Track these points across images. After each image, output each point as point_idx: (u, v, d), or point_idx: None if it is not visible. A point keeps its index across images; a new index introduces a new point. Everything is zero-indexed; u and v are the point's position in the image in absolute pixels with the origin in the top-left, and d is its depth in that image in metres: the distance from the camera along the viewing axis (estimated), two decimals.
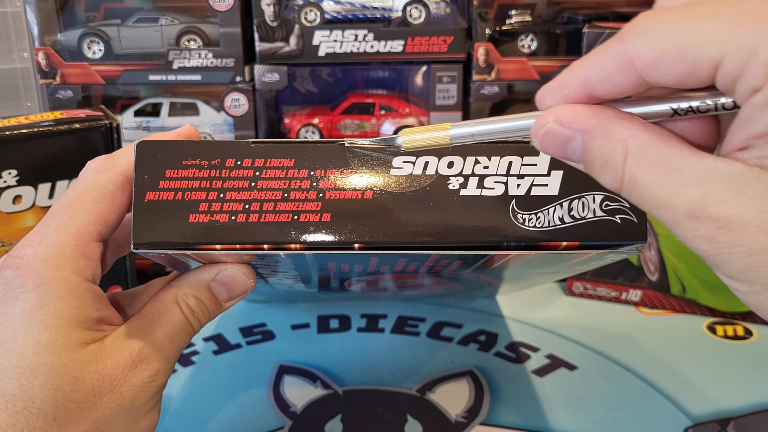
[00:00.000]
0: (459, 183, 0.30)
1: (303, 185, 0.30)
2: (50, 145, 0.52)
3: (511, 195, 0.30)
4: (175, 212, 0.30)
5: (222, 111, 0.66)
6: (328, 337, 0.54)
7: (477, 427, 0.44)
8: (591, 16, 0.65)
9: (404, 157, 0.30)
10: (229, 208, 0.30)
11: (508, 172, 0.30)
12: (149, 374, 0.31)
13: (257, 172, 0.30)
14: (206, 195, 0.30)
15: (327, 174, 0.30)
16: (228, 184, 0.30)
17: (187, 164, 0.30)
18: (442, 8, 0.64)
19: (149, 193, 0.30)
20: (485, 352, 0.52)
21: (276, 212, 0.30)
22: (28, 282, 0.29)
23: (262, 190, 0.30)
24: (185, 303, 0.33)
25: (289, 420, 0.45)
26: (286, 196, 0.30)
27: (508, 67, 0.64)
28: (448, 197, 0.30)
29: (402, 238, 0.30)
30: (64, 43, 0.64)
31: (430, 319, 0.57)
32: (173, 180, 0.30)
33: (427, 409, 0.46)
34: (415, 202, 0.30)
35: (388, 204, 0.30)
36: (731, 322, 0.56)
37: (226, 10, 0.62)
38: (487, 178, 0.30)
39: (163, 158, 0.30)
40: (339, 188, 0.30)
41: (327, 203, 0.30)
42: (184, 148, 0.30)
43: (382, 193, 0.30)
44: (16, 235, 0.53)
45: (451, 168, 0.30)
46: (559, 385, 0.48)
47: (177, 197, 0.30)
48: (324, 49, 0.63)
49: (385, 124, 0.68)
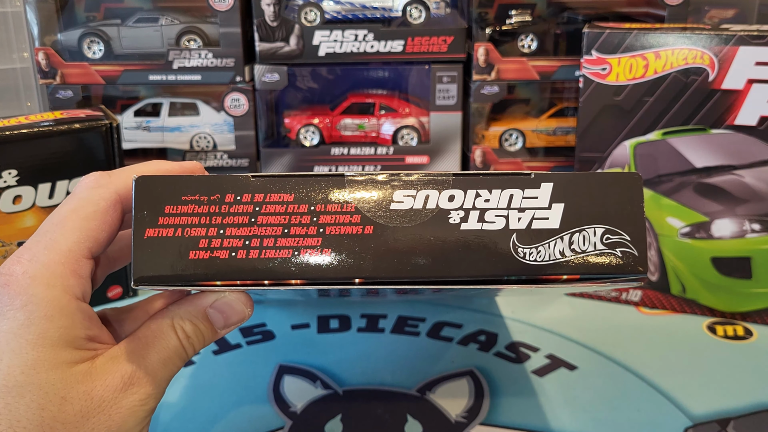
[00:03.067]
0: (460, 217, 0.30)
1: (303, 220, 0.30)
2: (50, 145, 0.52)
3: (512, 229, 0.30)
4: (175, 249, 0.29)
5: (222, 111, 0.66)
6: (328, 337, 0.54)
7: (477, 427, 0.44)
8: (591, 16, 0.65)
9: (405, 191, 0.30)
10: (229, 244, 0.30)
11: (509, 205, 0.30)
12: (140, 398, 0.31)
13: (257, 207, 0.30)
14: (206, 231, 0.30)
15: (327, 209, 0.30)
16: (228, 219, 0.30)
17: (187, 200, 0.30)
18: (442, 8, 0.64)
19: (149, 230, 0.30)
20: (485, 352, 0.52)
21: (276, 248, 0.30)
22: (16, 300, 0.29)
23: (262, 225, 0.30)
24: (181, 328, 0.33)
25: (289, 420, 0.45)
26: (286, 232, 0.30)
27: (508, 67, 0.64)
28: (448, 231, 0.30)
29: (403, 273, 0.30)
30: (64, 43, 0.64)
31: (430, 319, 0.57)
32: (173, 216, 0.30)
33: (427, 409, 0.46)
34: (416, 237, 0.30)
35: (389, 239, 0.30)
36: (731, 322, 0.56)
37: (226, 10, 0.62)
38: (488, 212, 0.30)
39: (162, 193, 0.30)
40: (339, 223, 0.30)
41: (328, 238, 0.30)
42: (183, 183, 0.30)
43: (383, 227, 0.30)
44: (16, 235, 0.53)
45: (452, 202, 0.30)
46: (559, 385, 0.48)
47: (177, 233, 0.30)
48: (324, 49, 0.63)
49: (385, 124, 0.68)
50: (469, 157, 0.67)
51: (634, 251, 0.30)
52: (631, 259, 0.30)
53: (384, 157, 0.66)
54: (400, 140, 0.67)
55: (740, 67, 0.51)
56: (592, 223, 0.30)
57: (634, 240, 0.30)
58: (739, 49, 0.51)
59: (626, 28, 0.54)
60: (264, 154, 0.66)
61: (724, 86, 0.52)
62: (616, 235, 0.30)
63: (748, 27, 0.53)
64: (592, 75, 0.54)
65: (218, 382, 0.49)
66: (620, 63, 0.54)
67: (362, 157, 0.66)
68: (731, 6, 0.66)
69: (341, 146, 0.67)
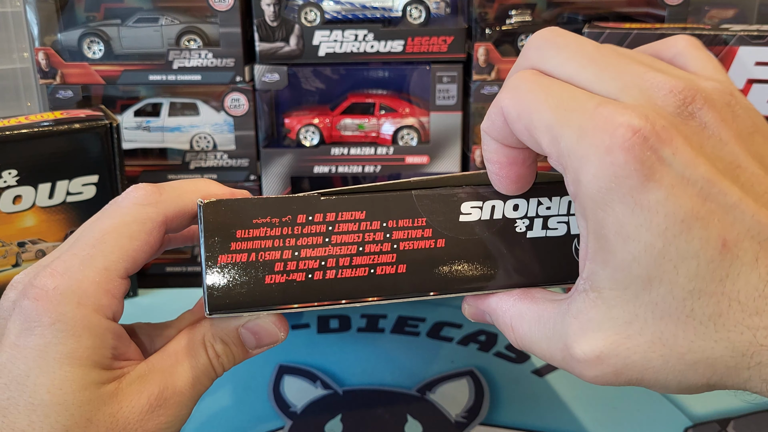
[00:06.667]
0: (525, 225, 0.31)
1: (377, 237, 0.30)
2: (50, 145, 0.52)
3: (573, 234, 0.31)
4: (250, 274, 0.29)
5: (222, 111, 0.66)
6: (328, 337, 0.54)
7: (477, 427, 0.44)
8: (591, 16, 0.65)
9: (471, 202, 0.30)
10: (305, 266, 0.29)
11: (568, 211, 0.31)
12: (166, 420, 0.30)
13: (330, 227, 0.29)
14: (281, 254, 0.29)
15: (399, 224, 0.30)
16: (302, 241, 0.29)
17: (258, 223, 0.29)
18: (442, 8, 0.64)
19: (221, 256, 0.29)
20: (485, 352, 0.52)
21: (353, 267, 0.29)
22: (45, 317, 0.28)
23: (337, 245, 0.29)
24: (212, 346, 0.32)
25: (289, 420, 0.45)
26: (361, 250, 0.29)
27: (508, 67, 0.64)
28: (516, 239, 0.31)
29: (473, 283, 0.30)
30: (64, 43, 0.64)
31: (430, 319, 0.57)
32: (245, 241, 0.29)
33: (427, 409, 0.46)
34: (486, 246, 0.30)
35: (459, 250, 0.30)
36: None
37: (226, 10, 0.62)
38: (551, 219, 0.31)
39: (232, 218, 0.29)
40: (412, 238, 0.30)
41: (402, 254, 0.30)
42: (253, 206, 0.29)
43: (454, 239, 0.30)
44: (16, 235, 0.53)
45: (517, 211, 0.31)
46: (559, 385, 0.48)
47: (251, 258, 0.29)
48: (324, 49, 0.63)
49: (385, 124, 0.68)
50: (469, 157, 0.67)
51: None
52: None
53: (384, 157, 0.66)
54: (400, 140, 0.67)
55: (740, 67, 0.51)
56: None
57: None
58: (739, 49, 0.51)
59: (626, 28, 0.54)
60: (264, 154, 0.66)
61: None
62: None
63: (748, 27, 0.53)
64: None
65: (218, 382, 0.49)
66: None
67: (362, 157, 0.66)
68: (731, 6, 0.66)
69: (341, 146, 0.67)
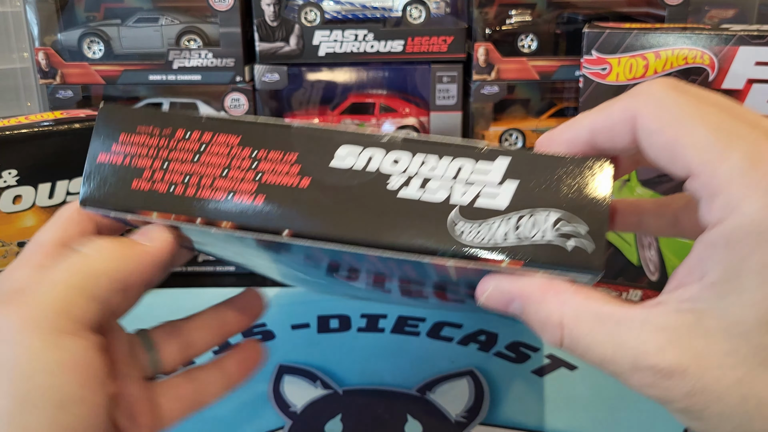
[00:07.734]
0: (400, 183, 0.28)
1: (243, 165, 0.30)
2: (50, 145, 0.52)
3: (453, 204, 0.28)
4: (120, 176, 0.30)
5: (222, 111, 0.66)
6: (328, 337, 0.54)
7: (477, 427, 0.44)
8: (591, 16, 0.65)
9: (349, 146, 0.29)
10: (169, 178, 0.30)
11: (456, 176, 0.28)
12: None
13: (203, 146, 0.30)
14: (151, 163, 0.30)
15: (269, 156, 0.29)
16: (173, 155, 0.30)
17: (140, 130, 0.31)
18: (442, 8, 0.64)
19: (102, 154, 0.31)
20: (485, 352, 0.52)
21: (213, 189, 0.30)
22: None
23: (203, 165, 0.30)
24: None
25: (289, 420, 0.45)
26: (224, 174, 0.30)
27: (508, 67, 0.64)
28: (385, 198, 0.28)
29: (332, 231, 0.28)
30: (64, 43, 0.64)
31: (430, 319, 0.57)
32: (125, 145, 0.31)
33: (427, 409, 0.46)
34: (350, 197, 0.28)
35: (323, 195, 0.29)
36: None
37: (226, 10, 0.62)
38: (431, 181, 0.28)
39: (121, 122, 0.31)
40: (277, 172, 0.29)
41: (262, 186, 0.29)
42: (143, 115, 0.31)
43: (319, 183, 0.29)
44: (16, 235, 0.53)
45: (396, 165, 0.28)
46: (559, 385, 0.48)
47: (125, 162, 0.31)
48: (324, 49, 0.63)
49: (385, 124, 0.68)
50: None
51: (589, 244, 0.27)
52: (584, 254, 0.26)
53: None
54: None
55: (740, 67, 0.51)
56: (547, 206, 0.27)
57: (592, 232, 0.27)
58: (739, 49, 0.51)
59: (626, 28, 0.54)
60: None
61: (724, 86, 0.52)
62: (572, 224, 0.27)
63: (748, 27, 0.53)
64: (592, 75, 0.54)
65: None
66: (620, 63, 0.54)
67: None
68: (731, 6, 0.66)
69: None
